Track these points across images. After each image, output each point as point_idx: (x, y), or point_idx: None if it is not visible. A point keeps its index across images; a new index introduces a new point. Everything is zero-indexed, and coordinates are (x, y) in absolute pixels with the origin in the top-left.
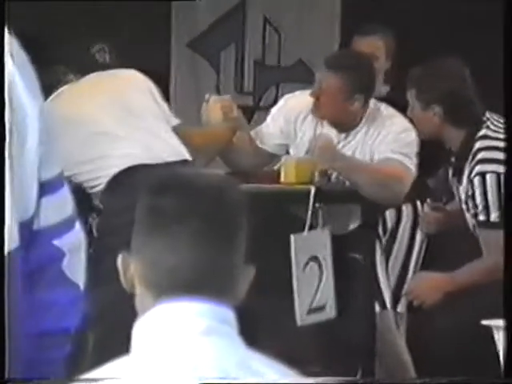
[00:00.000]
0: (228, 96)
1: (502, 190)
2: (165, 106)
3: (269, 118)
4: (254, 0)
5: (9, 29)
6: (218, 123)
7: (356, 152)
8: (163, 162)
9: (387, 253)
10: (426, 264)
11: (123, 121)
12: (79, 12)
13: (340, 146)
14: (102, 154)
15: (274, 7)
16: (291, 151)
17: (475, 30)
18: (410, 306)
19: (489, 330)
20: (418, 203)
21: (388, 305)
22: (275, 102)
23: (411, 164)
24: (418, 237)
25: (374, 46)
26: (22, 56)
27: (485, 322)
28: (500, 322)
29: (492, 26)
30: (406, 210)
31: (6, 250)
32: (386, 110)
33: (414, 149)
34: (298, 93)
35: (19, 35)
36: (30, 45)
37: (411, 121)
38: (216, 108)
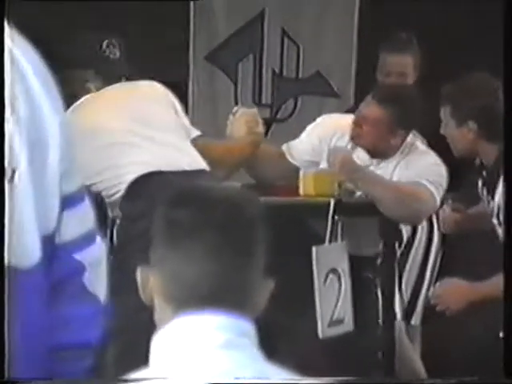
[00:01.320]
0: (255, 109)
1: None
2: (185, 118)
3: (303, 134)
4: (272, 12)
5: (20, 33)
6: (240, 136)
7: (388, 173)
8: (181, 169)
9: (401, 266)
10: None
11: (141, 132)
12: (91, 23)
13: (378, 170)
14: (119, 162)
15: (292, 19)
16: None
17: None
18: (425, 317)
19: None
20: (434, 217)
21: (398, 316)
22: (293, 113)
23: (437, 193)
24: (434, 249)
25: (404, 63)
26: (45, 72)
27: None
28: None
29: None
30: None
31: (27, 263)
32: (421, 146)
33: (442, 181)
34: (335, 114)
35: (28, 37)
36: (39, 45)
37: (445, 138)
38: (241, 121)
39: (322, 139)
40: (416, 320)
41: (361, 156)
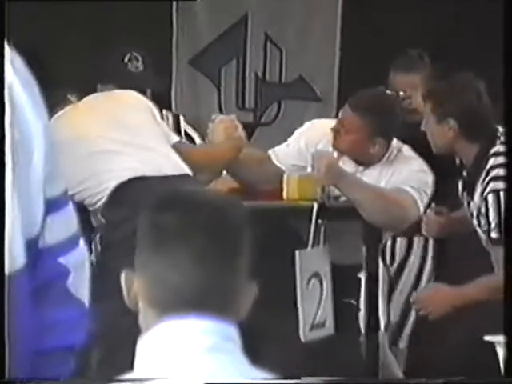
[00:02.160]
0: (233, 116)
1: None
2: (164, 124)
3: (291, 138)
4: (255, 16)
5: (13, 45)
6: (220, 142)
7: (373, 179)
8: (164, 175)
9: (392, 283)
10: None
11: (122, 139)
12: (76, 29)
13: (364, 176)
14: (101, 170)
15: (275, 24)
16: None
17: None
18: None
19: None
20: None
21: (382, 327)
22: (276, 118)
23: (420, 200)
24: (427, 271)
25: (412, 83)
26: (27, 74)
27: (487, 338)
28: (502, 338)
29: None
30: (418, 242)
31: (12, 268)
32: (407, 151)
33: (426, 188)
34: (325, 120)
35: (23, 53)
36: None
37: (425, 134)
38: (220, 128)
39: (309, 144)
40: (403, 343)
41: (347, 163)
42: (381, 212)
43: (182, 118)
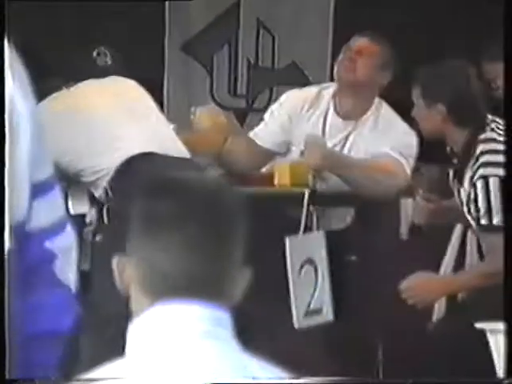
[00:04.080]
0: (212, 105)
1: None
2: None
3: (267, 117)
4: (247, 2)
5: (8, 39)
6: (207, 130)
7: (360, 140)
8: (171, 155)
9: None
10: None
11: (127, 118)
12: (69, 16)
13: (351, 136)
14: (105, 146)
15: (268, 9)
16: (293, 148)
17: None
18: None
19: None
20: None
21: None
22: (269, 104)
23: (407, 165)
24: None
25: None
26: (13, 57)
27: (479, 325)
28: (494, 325)
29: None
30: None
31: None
32: (387, 107)
33: (412, 151)
34: (296, 90)
35: (16, 45)
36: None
37: (414, 120)
38: (204, 117)
39: (292, 115)
40: None
41: (334, 122)
42: (371, 184)
43: None
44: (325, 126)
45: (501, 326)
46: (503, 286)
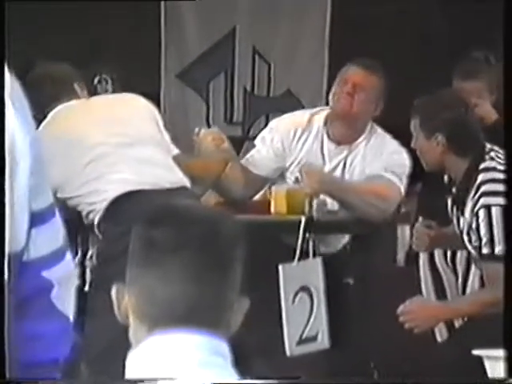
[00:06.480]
0: (216, 128)
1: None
2: (166, 134)
3: (259, 144)
4: (243, 30)
5: (8, 65)
6: (210, 154)
7: (355, 163)
8: (162, 188)
9: None
10: None
11: (122, 145)
12: (67, 39)
13: (347, 160)
14: (98, 176)
15: (264, 37)
16: (287, 174)
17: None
18: None
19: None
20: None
21: None
22: None
23: (400, 183)
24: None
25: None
26: (14, 85)
27: (476, 352)
28: (491, 352)
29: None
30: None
31: None
32: (379, 129)
33: (405, 170)
34: (285, 115)
35: (17, 73)
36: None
37: (415, 151)
38: (207, 140)
39: (284, 140)
40: None
41: (328, 147)
42: (368, 207)
43: None
44: (322, 150)
45: (498, 352)
46: (503, 316)
